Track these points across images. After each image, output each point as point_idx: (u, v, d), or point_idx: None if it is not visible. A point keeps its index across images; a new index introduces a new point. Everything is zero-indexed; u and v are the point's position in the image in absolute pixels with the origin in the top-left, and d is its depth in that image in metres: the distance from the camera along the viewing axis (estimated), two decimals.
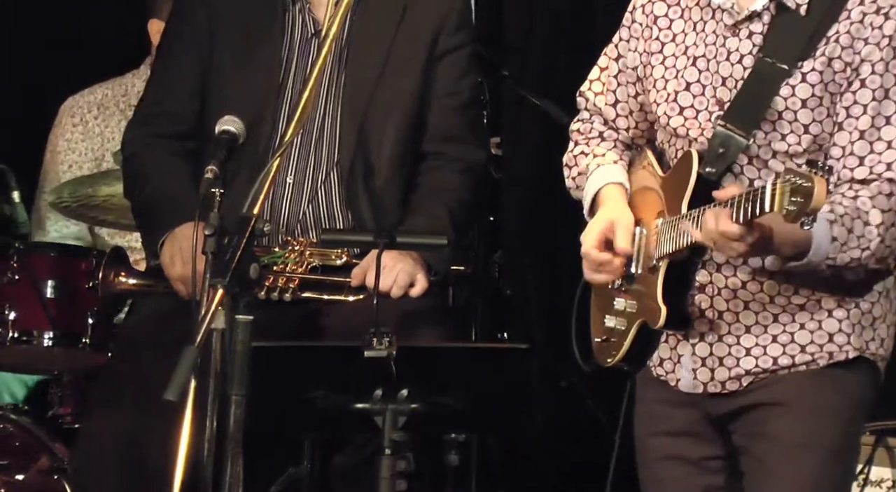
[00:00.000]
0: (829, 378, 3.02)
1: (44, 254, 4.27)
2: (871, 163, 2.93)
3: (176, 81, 3.86)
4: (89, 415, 3.93)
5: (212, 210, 3.02)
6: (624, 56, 3.15)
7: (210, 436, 2.92)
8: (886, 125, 2.93)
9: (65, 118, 4.91)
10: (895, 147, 2.92)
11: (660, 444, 3.14)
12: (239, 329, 2.91)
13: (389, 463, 3.03)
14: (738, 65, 3.00)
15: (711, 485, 3.11)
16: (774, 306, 3.03)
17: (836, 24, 2.94)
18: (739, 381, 3.05)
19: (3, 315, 4.15)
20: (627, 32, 3.15)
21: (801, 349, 3.02)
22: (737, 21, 3.00)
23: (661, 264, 3.03)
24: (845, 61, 2.94)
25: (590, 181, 3.14)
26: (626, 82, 3.16)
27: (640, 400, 3.18)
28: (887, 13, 2.94)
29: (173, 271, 3.74)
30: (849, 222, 2.87)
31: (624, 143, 3.20)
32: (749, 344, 3.04)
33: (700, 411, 3.09)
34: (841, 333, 3.02)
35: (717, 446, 3.10)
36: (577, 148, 3.20)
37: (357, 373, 3.04)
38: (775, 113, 2.96)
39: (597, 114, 3.21)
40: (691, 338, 3.07)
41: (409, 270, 3.71)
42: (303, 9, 3.81)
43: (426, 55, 3.81)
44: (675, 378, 3.10)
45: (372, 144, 3.78)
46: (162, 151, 3.84)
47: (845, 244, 2.88)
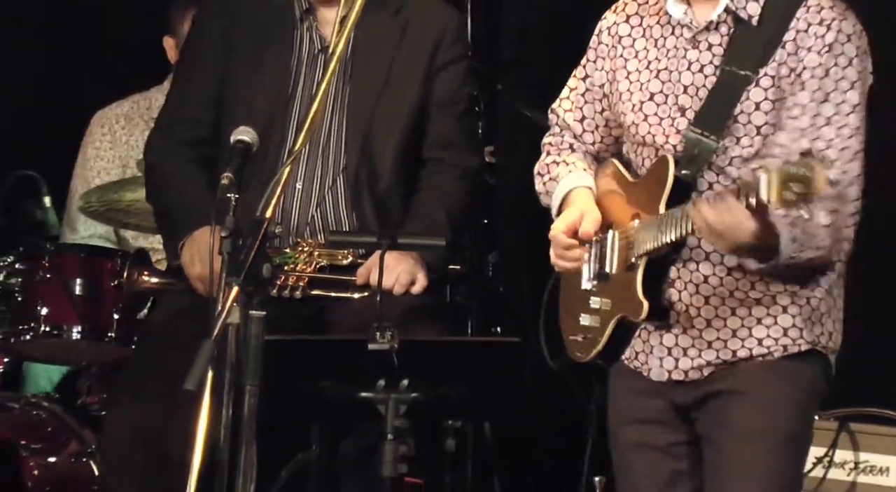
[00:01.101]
0: (785, 369, 3.02)
1: (73, 254, 4.26)
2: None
3: (194, 92, 3.85)
4: (114, 403, 3.92)
5: (227, 214, 3.01)
6: (591, 75, 3.17)
7: (226, 423, 2.91)
8: (826, 125, 2.92)
9: (95, 129, 4.92)
10: (835, 147, 2.90)
11: (630, 432, 3.13)
12: (252, 324, 2.91)
13: (392, 448, 3.01)
14: (698, 74, 3.01)
15: (677, 469, 3.10)
16: (733, 300, 3.02)
17: (786, 32, 2.95)
18: (701, 371, 3.05)
19: (36, 311, 4.14)
20: (594, 54, 3.16)
21: (759, 342, 3.02)
22: (695, 34, 3.01)
23: (640, 262, 3.02)
24: (790, 67, 2.95)
25: (560, 185, 3.15)
26: (593, 100, 3.18)
27: (613, 392, 3.18)
28: (829, 25, 2.94)
29: (192, 271, 3.72)
30: (801, 223, 2.84)
31: (590, 155, 3.20)
32: (711, 337, 3.04)
33: (666, 400, 3.09)
34: (794, 327, 3.01)
35: (682, 433, 3.10)
36: (549, 157, 3.22)
37: (362, 365, 3.02)
38: (732, 118, 2.96)
39: (566, 129, 3.23)
40: (660, 329, 3.06)
41: (411, 269, 3.70)
42: (311, 27, 3.79)
43: (425, 68, 3.79)
44: (647, 368, 3.10)
45: (375, 152, 3.76)
46: (181, 158, 3.82)
47: (803, 244, 2.87)
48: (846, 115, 2.93)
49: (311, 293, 3.68)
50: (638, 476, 3.12)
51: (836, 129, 2.92)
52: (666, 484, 3.10)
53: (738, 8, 2.98)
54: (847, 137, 2.92)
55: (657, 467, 3.10)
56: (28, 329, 4.15)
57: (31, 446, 4.12)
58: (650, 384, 3.09)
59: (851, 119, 2.93)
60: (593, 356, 3.10)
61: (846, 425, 3.89)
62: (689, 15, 3.02)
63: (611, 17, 3.15)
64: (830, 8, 2.96)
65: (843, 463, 3.89)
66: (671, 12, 3.04)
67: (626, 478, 3.14)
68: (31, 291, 4.16)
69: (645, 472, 3.11)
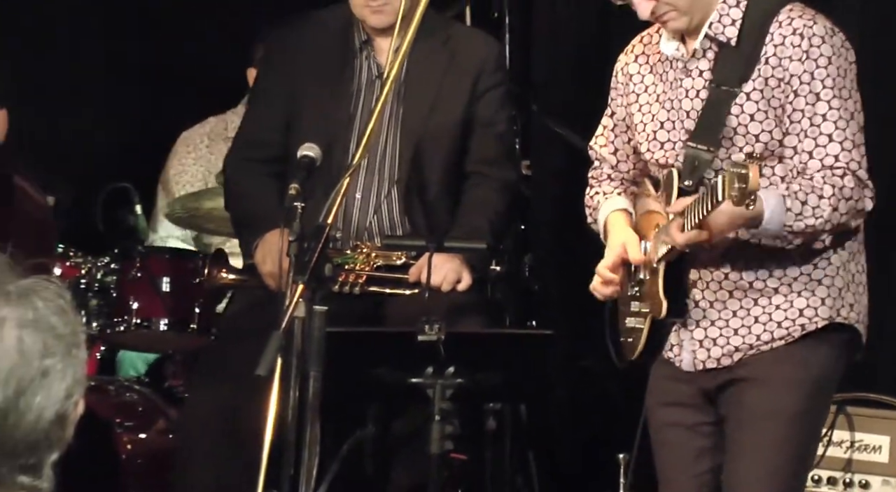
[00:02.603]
0: (801, 351, 3.00)
1: (160, 256, 4.26)
2: (819, 155, 2.91)
3: (265, 116, 3.85)
4: (196, 386, 3.92)
5: (294, 220, 3.01)
6: (615, 112, 3.17)
7: (293, 404, 2.92)
8: (824, 122, 2.91)
9: (180, 146, 4.92)
10: (836, 139, 2.91)
11: (664, 413, 3.13)
12: (316, 317, 2.91)
13: (439, 427, 3.00)
14: (696, 99, 3.00)
15: (703, 446, 3.09)
16: (753, 291, 3.00)
17: (764, 47, 2.93)
18: (731, 357, 3.03)
19: (128, 305, 4.13)
20: (614, 92, 3.17)
21: (778, 325, 3.00)
22: (685, 63, 3.01)
23: (660, 266, 3.01)
24: (778, 78, 2.93)
25: (600, 213, 3.18)
26: (620, 133, 3.18)
27: (652, 376, 3.17)
28: (801, 33, 2.92)
29: (264, 269, 3.72)
30: (803, 196, 2.86)
31: (628, 180, 3.21)
32: (736, 325, 3.03)
33: (695, 386, 3.08)
34: (809, 307, 2.99)
35: (708, 415, 3.08)
36: (592, 190, 3.23)
37: (412, 353, 3.02)
38: (731, 130, 2.96)
39: (604, 161, 3.23)
40: (690, 325, 3.06)
41: (456, 269, 3.68)
42: (368, 56, 3.79)
43: (469, 93, 3.78)
44: (679, 359, 3.08)
45: (425, 166, 3.76)
46: (254, 173, 3.83)
47: (800, 214, 2.86)
48: (837, 110, 2.92)
49: (367, 290, 3.67)
50: (670, 450, 3.12)
51: (833, 122, 2.91)
52: (694, 458, 3.09)
53: (717, 33, 2.97)
54: (843, 129, 2.91)
55: (686, 444, 3.09)
56: (122, 321, 4.15)
57: (124, 423, 4.12)
58: (681, 373, 3.08)
59: (843, 112, 2.92)
60: (638, 354, 3.10)
61: (843, 408, 3.87)
62: (680, 50, 3.03)
63: (623, 59, 3.15)
64: (800, 17, 2.95)
65: (841, 442, 3.87)
66: (664, 50, 3.05)
67: (661, 451, 3.15)
68: (124, 289, 4.16)
69: (676, 447, 3.10)
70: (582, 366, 4.18)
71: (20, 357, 1.49)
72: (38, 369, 1.49)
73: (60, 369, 1.51)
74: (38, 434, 1.49)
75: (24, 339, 1.49)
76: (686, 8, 2.95)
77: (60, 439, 1.52)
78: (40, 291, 1.53)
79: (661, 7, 2.94)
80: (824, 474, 3.86)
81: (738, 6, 2.97)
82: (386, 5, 3.67)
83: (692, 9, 2.96)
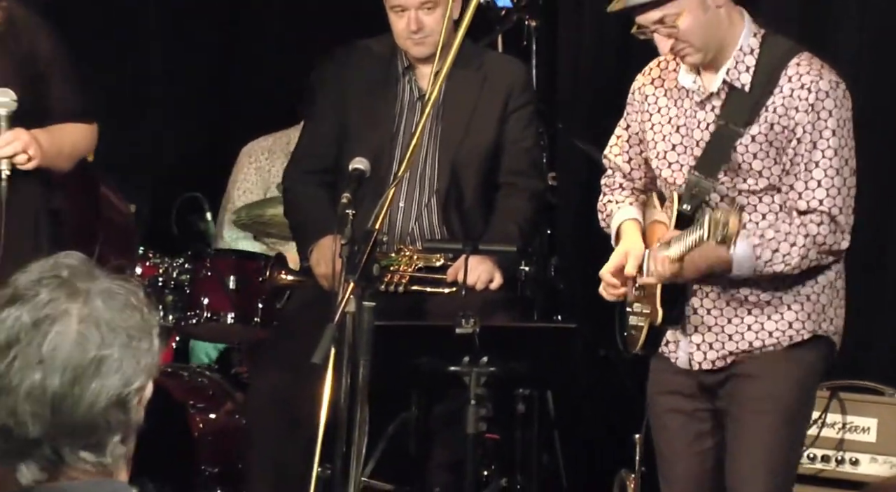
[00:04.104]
0: (791, 355, 3.00)
1: (227, 258, 4.27)
2: (807, 197, 2.92)
3: (319, 133, 3.84)
4: (258, 373, 3.92)
5: (346, 226, 3.02)
6: (630, 126, 3.15)
7: (344, 389, 2.92)
8: (816, 168, 2.91)
9: (244, 159, 4.92)
10: (823, 185, 2.91)
11: (664, 400, 3.11)
12: (365, 312, 2.91)
13: (474, 410, 3.00)
14: (706, 131, 2.99)
15: (701, 429, 3.08)
16: (748, 303, 2.99)
17: (773, 97, 2.93)
18: (725, 359, 3.03)
19: (200, 301, 4.15)
20: (630, 108, 3.15)
21: (769, 335, 2.99)
22: (702, 99, 3.00)
23: None
24: (783, 125, 2.93)
25: (614, 220, 3.16)
26: (634, 144, 3.16)
27: (652, 369, 3.16)
28: (809, 88, 2.92)
29: (318, 270, 3.71)
30: (775, 245, 2.88)
31: (639, 189, 3.19)
32: (731, 332, 3.02)
33: (694, 379, 3.07)
34: (797, 320, 2.99)
35: (704, 401, 3.07)
36: (605, 198, 3.21)
37: (450, 345, 3.01)
38: (736, 164, 2.95)
39: (617, 169, 3.20)
40: (689, 331, 3.05)
41: (489, 269, 3.66)
42: (410, 80, 3.78)
43: (500, 112, 3.76)
44: (674, 357, 3.08)
45: (461, 178, 3.74)
46: (310, 184, 3.82)
47: (769, 261, 2.89)
48: (829, 159, 2.92)
49: (410, 288, 3.66)
50: (670, 434, 3.10)
51: (824, 170, 2.92)
52: (693, 439, 3.07)
53: (734, 79, 2.97)
54: (832, 177, 2.92)
55: (685, 428, 3.08)
56: (194, 315, 4.16)
57: (196, 405, 4.13)
58: (680, 368, 3.07)
59: (834, 162, 2.92)
60: (639, 348, 3.10)
61: (836, 393, 3.84)
62: (697, 83, 3.01)
63: (640, 80, 3.13)
64: (808, 72, 2.94)
65: (834, 424, 3.84)
66: (682, 83, 3.03)
67: (661, 435, 3.13)
68: (196, 286, 4.17)
69: (676, 431, 3.09)
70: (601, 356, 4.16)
71: (77, 348, 1.50)
72: (93, 359, 1.50)
73: (117, 359, 1.51)
74: (95, 417, 1.50)
75: (82, 331, 1.50)
76: (701, 45, 2.94)
77: (123, 421, 1.52)
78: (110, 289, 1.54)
79: (679, 44, 2.93)
80: (819, 453, 3.84)
81: (752, 54, 2.97)
82: (427, 37, 3.67)
83: (707, 46, 2.95)
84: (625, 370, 3.91)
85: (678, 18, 2.90)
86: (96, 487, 1.52)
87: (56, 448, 1.49)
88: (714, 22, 2.93)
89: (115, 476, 1.54)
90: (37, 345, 1.49)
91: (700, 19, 2.91)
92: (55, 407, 1.48)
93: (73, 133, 3.17)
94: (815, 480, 3.79)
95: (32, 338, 1.49)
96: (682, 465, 3.08)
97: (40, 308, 1.50)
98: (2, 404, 1.48)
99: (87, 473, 1.52)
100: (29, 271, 1.54)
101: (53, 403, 1.48)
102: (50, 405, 1.48)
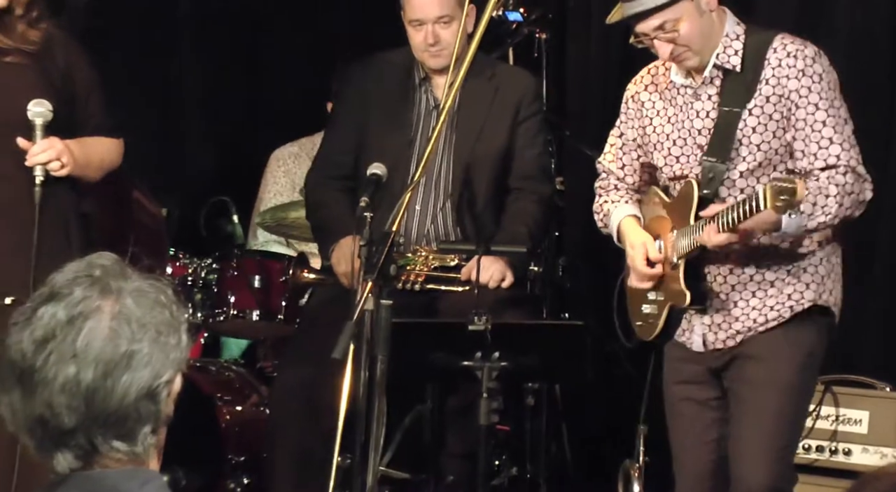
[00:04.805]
0: (792, 335, 2.99)
1: (252, 258, 4.27)
2: (823, 156, 2.91)
3: (340, 140, 3.84)
4: (282, 367, 3.92)
5: (365, 228, 3.02)
6: (625, 133, 3.15)
7: (363, 383, 2.91)
8: (824, 127, 2.91)
9: (273, 163, 4.92)
10: (836, 142, 2.91)
11: (678, 389, 3.12)
12: (383, 310, 2.91)
13: (486, 403, 3.00)
14: (706, 119, 2.99)
15: (712, 417, 3.08)
16: (752, 284, 3.00)
17: (763, 71, 2.93)
18: (734, 338, 3.03)
19: (227, 299, 4.16)
20: (625, 116, 3.15)
21: (771, 309, 3.00)
22: (696, 89, 3.00)
23: (681, 262, 3.01)
24: (778, 95, 2.93)
25: (612, 219, 3.16)
26: (629, 150, 3.16)
27: (667, 358, 3.18)
28: (795, 55, 2.93)
29: (339, 269, 3.71)
30: (812, 198, 2.86)
31: (632, 190, 3.19)
32: (738, 313, 3.03)
33: (703, 365, 3.06)
34: (796, 292, 2.99)
35: (715, 390, 3.07)
36: (601, 199, 3.21)
37: (463, 341, 3.01)
38: (737, 142, 2.95)
39: (610, 174, 3.21)
40: (701, 312, 3.05)
41: (501, 269, 3.66)
42: (427, 90, 3.78)
43: (511, 120, 3.76)
44: (689, 341, 3.08)
45: (474, 183, 3.74)
46: (330, 188, 3.82)
47: (812, 214, 2.86)
48: (834, 117, 2.92)
49: (426, 287, 3.66)
50: (684, 421, 3.11)
51: (832, 127, 2.92)
52: (704, 428, 3.08)
53: (724, 62, 2.98)
54: (841, 132, 2.92)
55: (698, 415, 3.08)
56: (221, 312, 4.17)
57: (224, 397, 4.13)
58: (692, 354, 3.07)
59: (839, 117, 2.92)
60: (655, 336, 3.09)
61: (830, 387, 3.84)
62: (689, 78, 3.03)
63: (632, 88, 3.14)
64: (791, 43, 2.96)
65: (827, 416, 3.83)
66: (675, 80, 3.05)
67: (676, 422, 3.13)
68: (223, 285, 4.18)
69: (689, 418, 3.09)
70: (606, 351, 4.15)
71: (108, 343, 1.50)
72: (124, 353, 1.51)
73: (147, 353, 1.52)
74: (127, 408, 1.51)
75: (114, 327, 1.51)
76: (698, 48, 2.96)
77: (153, 412, 1.53)
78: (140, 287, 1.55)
79: (678, 49, 2.94)
80: (813, 443, 3.84)
81: (738, 39, 2.99)
82: (443, 50, 3.67)
83: (703, 49, 2.97)
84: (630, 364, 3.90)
85: (678, 23, 2.91)
86: (128, 474, 1.53)
87: (90, 438, 1.50)
88: (708, 25, 2.96)
89: (146, 465, 1.55)
90: (71, 340, 1.49)
91: (697, 23, 2.93)
92: (89, 399, 1.49)
93: (102, 146, 3.20)
94: (809, 469, 3.78)
95: (67, 334, 1.50)
96: (695, 452, 3.08)
97: (74, 305, 1.51)
98: (38, 396, 1.49)
99: (119, 461, 1.52)
100: (65, 271, 1.55)
101: (87, 395, 1.49)
102: (84, 397, 1.49)
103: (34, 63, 3.08)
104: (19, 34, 3.06)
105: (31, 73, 3.06)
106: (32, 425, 1.50)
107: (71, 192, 3.15)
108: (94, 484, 1.51)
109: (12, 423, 1.52)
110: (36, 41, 3.07)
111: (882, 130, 4.16)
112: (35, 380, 1.49)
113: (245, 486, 4.02)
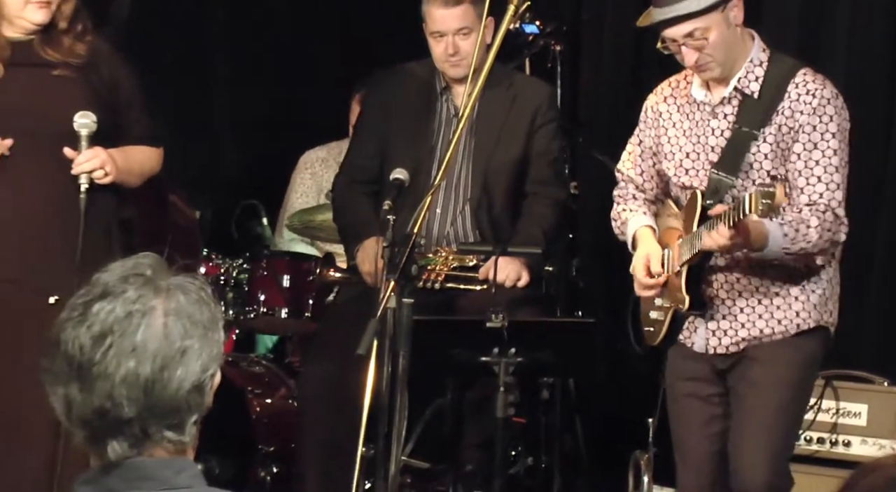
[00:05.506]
0: (795, 343, 3.00)
1: (281, 258, 4.29)
2: (808, 192, 2.93)
3: (365, 147, 3.86)
4: (309, 362, 3.93)
5: (388, 230, 3.02)
6: (643, 141, 3.15)
7: (386, 377, 2.91)
8: (816, 166, 2.92)
9: (301, 167, 4.91)
10: (823, 181, 2.92)
11: (681, 386, 3.11)
12: (404, 308, 2.90)
13: (503, 396, 3.00)
14: (720, 137, 3.00)
15: (714, 413, 3.07)
16: (758, 293, 2.99)
17: (782, 102, 2.94)
18: (738, 345, 3.03)
19: (257, 297, 4.17)
20: (644, 125, 3.15)
21: (778, 323, 3.00)
22: (713, 107, 3.00)
23: (683, 268, 3.01)
24: (789, 126, 2.94)
25: (629, 227, 3.16)
26: (647, 158, 3.16)
27: (670, 358, 3.17)
28: (814, 93, 2.94)
29: (363, 269, 3.72)
30: (795, 225, 2.88)
31: (649, 199, 3.19)
32: (743, 320, 3.02)
33: (708, 364, 3.06)
34: (804, 310, 2.99)
35: (718, 387, 3.07)
36: (619, 207, 3.21)
37: (481, 337, 3.01)
38: (748, 164, 2.95)
39: (629, 181, 3.21)
40: (705, 318, 3.05)
41: (517, 269, 3.67)
42: (448, 99, 3.79)
43: (527, 129, 3.76)
44: (691, 342, 3.08)
45: (492, 187, 3.74)
46: (356, 192, 3.83)
47: (794, 239, 2.87)
48: (829, 158, 2.92)
49: (445, 286, 3.66)
50: (686, 416, 3.10)
51: (823, 167, 2.92)
52: (706, 423, 3.08)
53: (744, 87, 2.98)
54: (831, 174, 2.92)
55: (700, 411, 3.08)
56: (251, 310, 4.18)
57: (254, 390, 4.15)
58: (695, 352, 3.07)
59: (833, 160, 2.92)
60: (660, 341, 3.09)
61: (830, 382, 3.83)
62: (707, 96, 3.03)
63: (652, 99, 3.14)
64: (813, 81, 2.96)
65: (828, 409, 3.82)
66: (695, 95, 3.04)
67: (678, 417, 3.13)
68: (253, 284, 4.20)
69: (691, 413, 3.09)
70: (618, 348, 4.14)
71: (164, 339, 1.52)
72: (178, 348, 1.53)
73: (197, 349, 1.54)
74: (179, 400, 1.53)
75: (168, 324, 1.53)
76: (723, 60, 2.95)
77: (199, 403, 1.56)
78: (185, 286, 1.57)
79: (704, 57, 2.94)
80: (814, 435, 3.83)
81: (760, 66, 2.99)
82: (462, 60, 3.67)
83: (727, 61, 2.96)
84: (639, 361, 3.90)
85: (707, 32, 2.90)
86: (169, 463, 1.55)
87: (145, 427, 1.53)
88: (734, 38, 2.95)
89: (186, 454, 1.57)
90: (129, 335, 1.51)
91: (724, 35, 2.92)
92: (147, 391, 1.51)
93: (143, 155, 3.23)
94: (810, 460, 3.78)
95: (125, 329, 1.52)
96: (696, 446, 3.08)
97: (132, 302, 1.53)
98: (99, 387, 1.51)
99: (166, 450, 1.55)
100: (111, 270, 1.57)
101: (146, 387, 1.51)
102: (143, 389, 1.51)
103: (80, 76, 3.10)
104: (67, 48, 3.09)
105: (77, 86, 3.09)
106: (91, 415, 1.52)
107: (113, 198, 3.18)
108: (134, 472, 1.53)
109: (67, 414, 1.54)
110: (82, 54, 3.10)
111: (882, 129, 4.14)
112: (94, 373, 1.51)
113: (274, 474, 4.03)
